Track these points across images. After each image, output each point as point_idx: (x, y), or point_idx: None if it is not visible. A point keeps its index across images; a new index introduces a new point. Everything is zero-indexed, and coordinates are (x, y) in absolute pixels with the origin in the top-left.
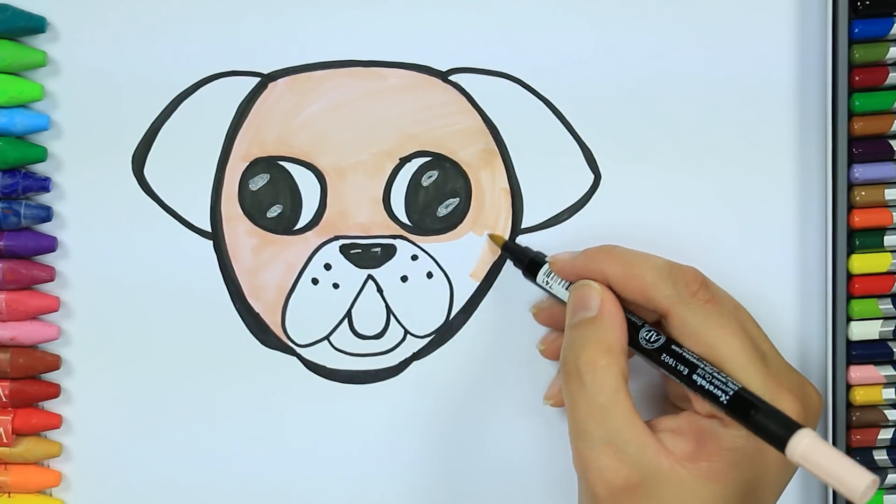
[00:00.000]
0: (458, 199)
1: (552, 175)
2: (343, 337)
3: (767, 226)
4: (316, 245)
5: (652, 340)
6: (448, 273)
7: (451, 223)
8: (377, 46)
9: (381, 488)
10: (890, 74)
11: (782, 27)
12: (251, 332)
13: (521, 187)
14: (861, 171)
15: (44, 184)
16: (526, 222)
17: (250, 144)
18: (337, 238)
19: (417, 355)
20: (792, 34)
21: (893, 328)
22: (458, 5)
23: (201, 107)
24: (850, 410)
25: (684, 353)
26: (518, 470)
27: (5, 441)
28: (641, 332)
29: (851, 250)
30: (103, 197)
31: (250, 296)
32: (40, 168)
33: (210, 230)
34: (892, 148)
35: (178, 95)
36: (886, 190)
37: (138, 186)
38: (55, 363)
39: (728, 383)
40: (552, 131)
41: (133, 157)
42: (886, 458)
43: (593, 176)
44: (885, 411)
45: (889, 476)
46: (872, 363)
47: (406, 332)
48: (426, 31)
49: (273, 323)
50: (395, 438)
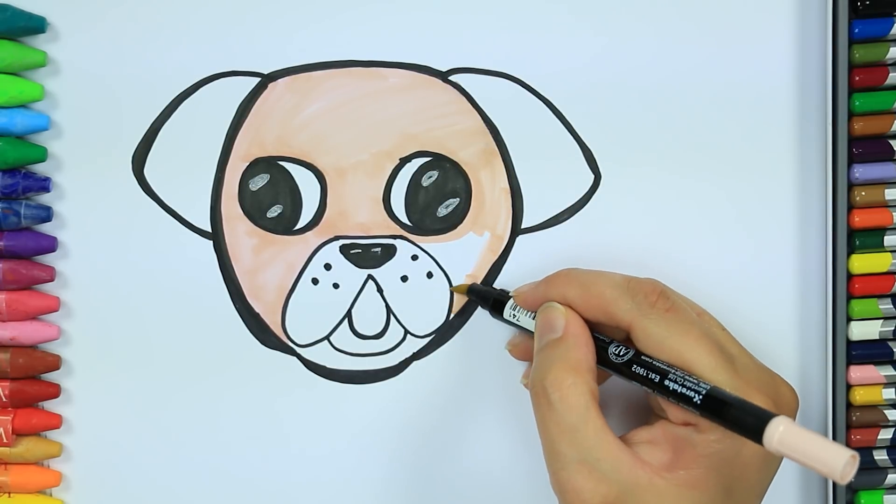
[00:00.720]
0: (459, 199)
1: (552, 175)
2: (343, 337)
3: (767, 226)
4: (316, 245)
5: (621, 354)
6: (448, 273)
7: (451, 223)
8: (377, 46)
9: (381, 488)
10: (890, 74)
11: (782, 27)
12: (251, 333)
13: (521, 187)
14: (861, 171)
15: (44, 184)
16: (526, 222)
17: (250, 144)
18: (337, 238)
19: (417, 355)
20: (792, 34)
21: (893, 328)
22: (458, 5)
23: (201, 107)
24: (850, 410)
25: (654, 362)
26: (517, 469)
27: (5, 441)
28: (610, 349)
29: (851, 250)
30: (103, 197)
31: (250, 296)
32: (40, 168)
33: (210, 230)
34: (892, 148)
35: (178, 95)
36: (886, 190)
37: (138, 186)
38: (55, 363)
39: (699, 384)
40: (552, 131)
41: (133, 157)
42: (886, 458)
43: (593, 176)
44: (885, 411)
45: (889, 476)
46: (872, 363)
47: (406, 332)
48: (426, 31)
49: (273, 323)
50: (395, 438)
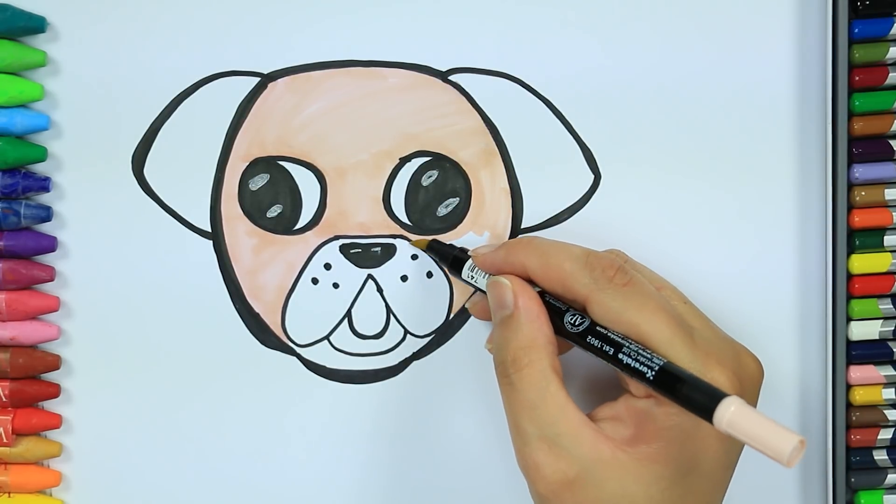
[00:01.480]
0: (458, 199)
1: (552, 175)
2: (343, 337)
3: (767, 226)
4: (316, 245)
5: (577, 324)
6: (448, 273)
7: (451, 223)
8: (377, 46)
9: (381, 487)
10: (890, 74)
11: (782, 27)
12: (251, 332)
13: (521, 187)
14: (861, 171)
15: (44, 184)
16: (526, 222)
17: (250, 144)
18: (337, 238)
19: (417, 355)
20: (792, 34)
21: (893, 328)
22: (459, 5)
23: (201, 107)
24: (850, 410)
25: (609, 334)
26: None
27: (5, 441)
28: (566, 317)
29: (851, 250)
30: (103, 197)
31: (250, 296)
32: (40, 168)
33: (210, 230)
34: (892, 148)
35: (178, 95)
36: (886, 190)
37: (138, 186)
38: (55, 363)
39: (653, 359)
40: (552, 131)
41: (133, 157)
42: (886, 458)
43: (593, 176)
44: (885, 411)
45: (889, 476)
46: (872, 363)
47: (406, 332)
48: (426, 31)
49: (273, 323)
50: (395, 438)
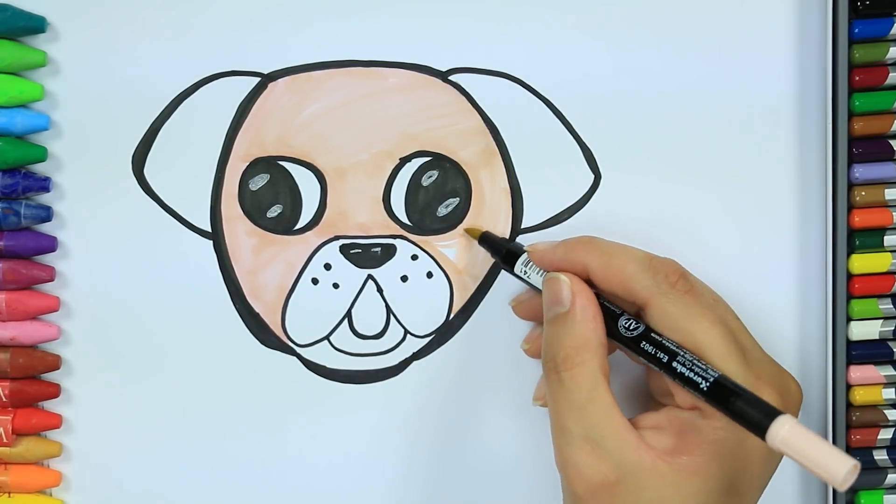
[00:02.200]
0: (458, 199)
1: (552, 175)
2: (343, 337)
3: (767, 226)
4: (316, 245)
5: (631, 329)
6: (448, 273)
7: (452, 223)
8: (377, 46)
9: (381, 488)
10: (890, 74)
11: (782, 27)
12: (251, 332)
13: (521, 187)
14: (861, 171)
15: (44, 184)
16: (526, 222)
17: (250, 144)
18: (337, 238)
19: (417, 355)
20: (792, 34)
21: (893, 328)
22: (459, 5)
23: (201, 107)
24: (850, 410)
25: (664, 342)
26: (518, 469)
27: (5, 441)
28: (620, 321)
29: (851, 250)
30: (103, 197)
31: (250, 296)
32: (40, 168)
33: (210, 230)
34: (892, 148)
35: (178, 95)
36: (886, 190)
37: (138, 186)
38: (55, 363)
39: (708, 370)
40: (552, 131)
41: (133, 157)
42: (886, 458)
43: (593, 176)
44: (885, 411)
45: (889, 476)
46: (872, 363)
47: (406, 332)
48: (426, 31)
49: (273, 323)
50: (395, 438)
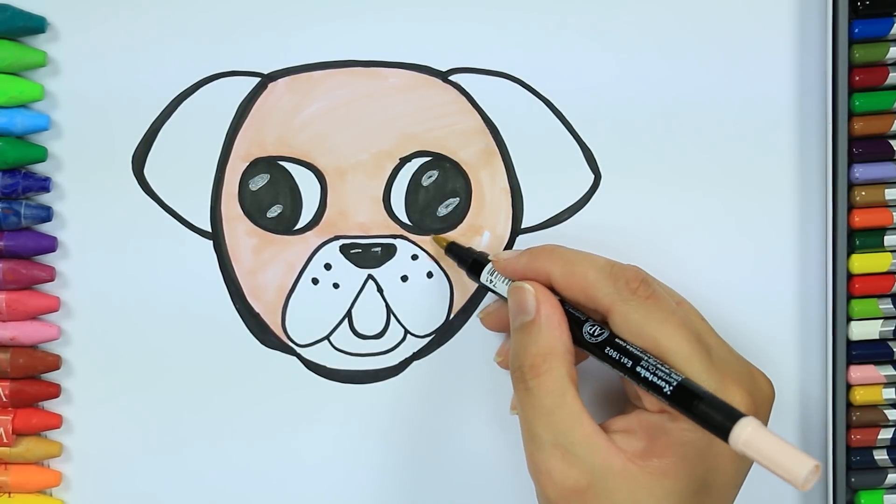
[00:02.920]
0: (458, 199)
1: (552, 175)
2: (343, 337)
3: (767, 226)
4: (316, 245)
5: (595, 335)
6: (448, 273)
7: (452, 223)
8: (377, 46)
9: (381, 487)
10: (890, 74)
11: (782, 28)
12: (251, 332)
13: (521, 187)
14: (861, 171)
15: (44, 184)
16: (526, 222)
17: (250, 144)
18: (337, 238)
19: (417, 355)
20: (792, 35)
21: (893, 328)
22: (459, 5)
23: (201, 107)
24: (850, 410)
25: (628, 347)
26: (518, 468)
27: (5, 441)
28: (585, 327)
29: (851, 250)
30: (103, 197)
31: (250, 296)
32: (40, 168)
33: (210, 230)
34: (892, 148)
35: (178, 95)
36: (886, 190)
37: (138, 186)
38: (55, 363)
39: (671, 374)
40: (552, 131)
41: (133, 157)
42: (886, 458)
43: (593, 176)
44: (885, 411)
45: (889, 476)
46: (872, 363)
47: (406, 332)
48: (426, 31)
49: (273, 323)
50: (395, 438)
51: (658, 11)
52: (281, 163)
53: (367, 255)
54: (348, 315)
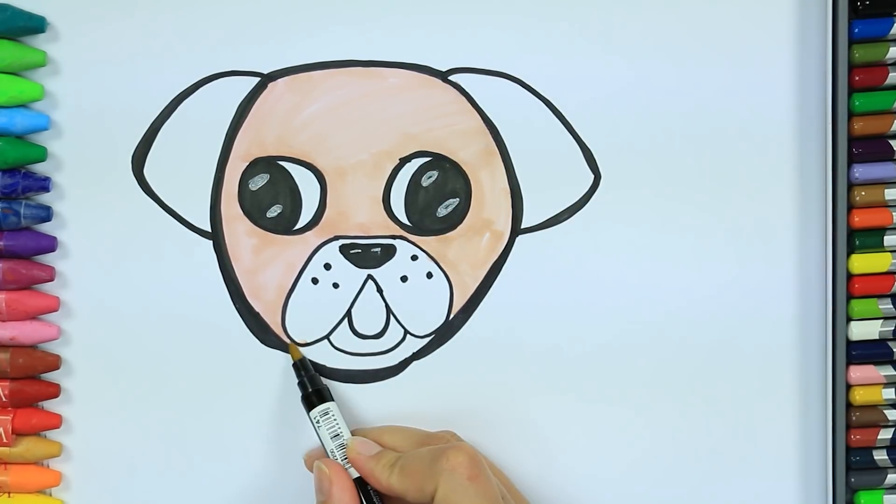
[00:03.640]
0: (458, 199)
1: (552, 175)
2: (343, 336)
3: (767, 225)
4: (316, 245)
5: None
6: (448, 273)
7: (451, 223)
8: (377, 46)
9: None
10: (890, 74)
11: (782, 28)
12: (251, 332)
13: (521, 187)
14: (861, 171)
15: (44, 184)
16: (526, 222)
17: (250, 144)
18: (337, 238)
19: (417, 355)
20: (792, 35)
21: (893, 328)
22: (459, 5)
23: (201, 107)
24: (850, 410)
25: None
26: (517, 468)
27: (5, 441)
28: None
29: (851, 250)
30: (103, 197)
31: (250, 295)
32: (40, 168)
33: (210, 230)
34: (892, 148)
35: (178, 95)
36: (886, 190)
37: (138, 186)
38: (55, 363)
39: None
40: (552, 131)
41: (133, 157)
42: (886, 458)
43: (593, 176)
44: (885, 411)
45: (889, 476)
46: (872, 363)
47: (406, 332)
48: (426, 31)
49: (273, 322)
50: None
51: (657, 11)
52: (281, 163)
53: (367, 256)
54: (348, 315)
